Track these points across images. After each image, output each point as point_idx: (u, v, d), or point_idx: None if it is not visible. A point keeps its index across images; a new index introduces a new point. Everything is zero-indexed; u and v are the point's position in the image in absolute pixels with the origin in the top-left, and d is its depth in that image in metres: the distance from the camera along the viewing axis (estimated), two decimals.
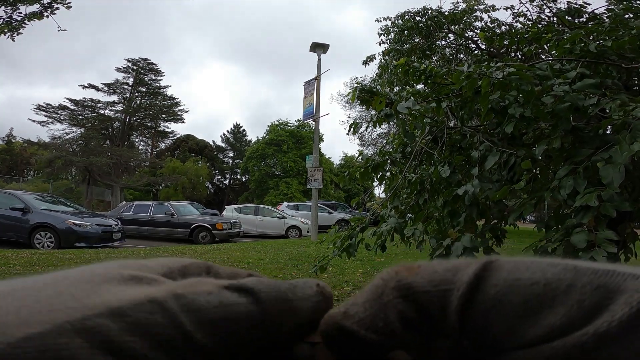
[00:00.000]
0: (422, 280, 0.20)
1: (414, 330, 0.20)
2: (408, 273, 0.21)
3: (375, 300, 0.21)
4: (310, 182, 13.46)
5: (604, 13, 3.42)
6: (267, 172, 33.42)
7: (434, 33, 5.90)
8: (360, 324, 0.21)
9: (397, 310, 0.20)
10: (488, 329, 0.19)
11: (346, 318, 0.22)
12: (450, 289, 0.20)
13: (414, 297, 0.20)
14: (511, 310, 0.18)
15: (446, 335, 0.20)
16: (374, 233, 2.65)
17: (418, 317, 0.20)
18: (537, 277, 0.19)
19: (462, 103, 2.42)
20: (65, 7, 8.31)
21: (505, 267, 0.20)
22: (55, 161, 29.04)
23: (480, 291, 0.19)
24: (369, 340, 0.21)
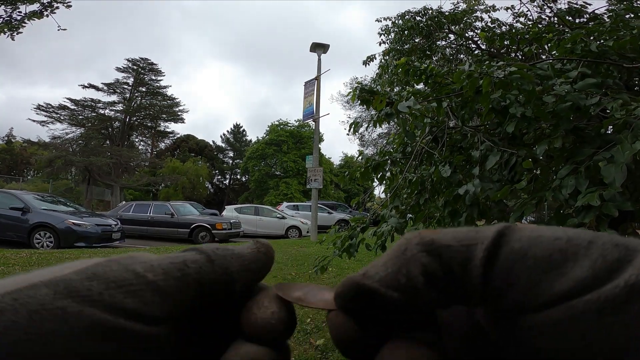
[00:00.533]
0: (446, 237, 0.20)
1: (436, 285, 0.20)
2: (431, 232, 0.21)
3: (397, 257, 0.21)
4: (310, 182, 13.46)
5: (604, 13, 3.42)
6: (267, 172, 33.42)
7: (434, 33, 5.90)
8: (382, 283, 0.20)
9: (421, 264, 0.20)
10: (513, 284, 0.19)
11: (366, 278, 0.21)
12: (474, 243, 0.20)
13: (437, 250, 0.20)
14: (536, 263, 0.18)
15: (468, 291, 0.20)
16: (374, 233, 2.64)
17: (441, 271, 0.20)
18: (558, 233, 0.19)
19: (463, 103, 2.41)
20: (65, 7, 8.31)
21: (527, 227, 0.20)
22: (55, 161, 29.02)
23: (503, 245, 0.19)
24: (390, 298, 0.20)
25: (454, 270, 0.20)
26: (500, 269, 0.19)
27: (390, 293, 0.20)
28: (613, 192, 1.45)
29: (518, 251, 0.19)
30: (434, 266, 0.20)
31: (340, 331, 0.22)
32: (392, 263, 0.21)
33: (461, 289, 0.20)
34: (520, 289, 0.18)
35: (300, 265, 7.51)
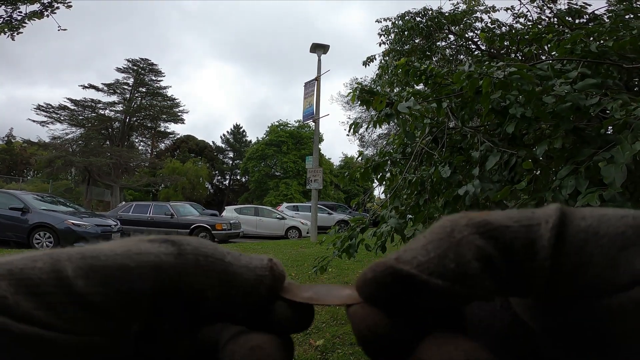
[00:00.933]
0: (500, 217, 0.18)
1: (494, 271, 0.17)
2: (478, 213, 0.18)
3: (442, 240, 0.18)
4: (310, 183, 13.46)
5: (604, 14, 3.42)
6: (266, 173, 33.43)
7: (434, 34, 5.90)
8: (421, 268, 0.18)
9: (475, 246, 0.17)
10: (587, 264, 0.17)
11: (401, 262, 0.18)
12: (535, 223, 0.17)
13: (493, 232, 0.17)
14: (610, 241, 0.17)
15: (532, 276, 0.17)
16: (374, 234, 2.64)
17: (499, 255, 0.17)
18: (621, 212, 0.17)
19: (463, 103, 2.41)
20: (66, 7, 8.30)
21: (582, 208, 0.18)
22: (55, 161, 29.02)
23: (569, 224, 0.17)
24: (433, 286, 0.18)
25: (515, 253, 0.17)
26: (571, 249, 0.17)
27: (433, 281, 0.18)
28: (613, 192, 1.45)
29: (587, 229, 0.17)
30: (490, 249, 0.17)
31: (368, 325, 0.19)
32: (434, 246, 0.18)
33: (522, 274, 0.17)
34: (595, 269, 0.17)
35: (300, 265, 7.51)
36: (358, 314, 0.20)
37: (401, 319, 0.19)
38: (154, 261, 0.19)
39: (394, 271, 0.18)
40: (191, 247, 0.20)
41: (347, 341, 3.54)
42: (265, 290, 0.22)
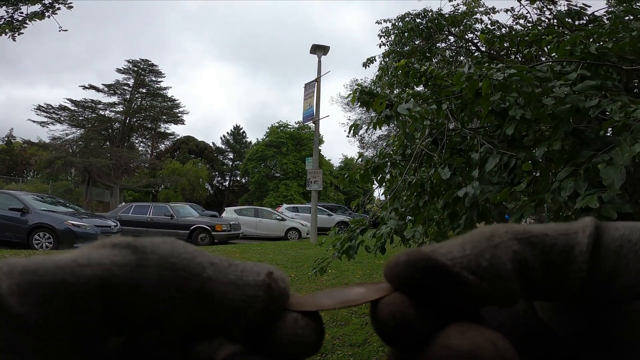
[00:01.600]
0: (538, 228, 0.19)
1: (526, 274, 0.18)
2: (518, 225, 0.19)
3: (480, 242, 0.19)
4: (310, 184, 13.45)
5: (604, 15, 3.43)
6: (266, 174, 33.44)
7: (434, 35, 5.91)
8: (455, 262, 0.18)
9: (512, 251, 0.18)
10: (622, 269, 0.18)
11: (437, 254, 0.19)
12: (573, 232, 0.19)
13: (533, 239, 0.18)
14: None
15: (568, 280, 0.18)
16: (373, 235, 2.64)
17: (537, 260, 0.18)
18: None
19: (463, 105, 2.42)
20: (67, 7, 8.31)
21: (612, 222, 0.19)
22: (55, 162, 29.03)
23: (604, 234, 0.18)
24: (462, 280, 0.18)
25: (554, 257, 0.18)
26: (607, 254, 0.18)
27: (463, 274, 0.18)
28: (612, 194, 1.45)
29: (621, 237, 0.18)
30: (527, 254, 0.18)
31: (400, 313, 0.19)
32: (471, 246, 0.19)
33: (558, 278, 0.18)
34: (631, 272, 0.18)
35: (299, 266, 7.51)
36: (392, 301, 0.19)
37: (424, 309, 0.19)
38: (100, 276, 0.16)
39: (428, 259, 0.19)
40: (157, 256, 0.17)
41: (346, 342, 3.54)
42: (255, 315, 0.18)
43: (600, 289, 0.18)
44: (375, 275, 6.77)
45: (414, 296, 0.19)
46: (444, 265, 0.18)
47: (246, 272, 0.19)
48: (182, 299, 0.17)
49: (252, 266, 0.19)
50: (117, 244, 0.18)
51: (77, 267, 0.16)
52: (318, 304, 0.20)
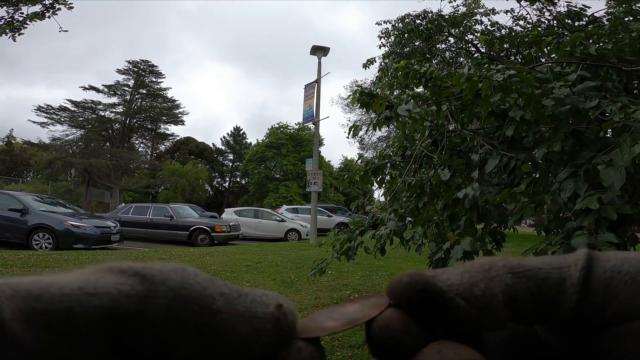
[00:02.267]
0: (534, 262, 0.21)
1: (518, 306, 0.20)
2: (516, 258, 0.21)
3: (478, 273, 0.20)
4: (309, 186, 13.45)
5: (603, 16, 3.43)
6: (266, 175, 33.44)
7: (434, 36, 5.91)
8: (452, 289, 0.20)
9: (505, 284, 0.20)
10: (613, 298, 0.19)
11: (437, 280, 0.20)
12: (565, 265, 0.20)
13: (527, 273, 0.20)
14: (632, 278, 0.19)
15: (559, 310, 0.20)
16: (373, 236, 2.63)
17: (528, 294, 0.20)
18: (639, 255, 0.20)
19: (463, 106, 2.42)
20: (67, 8, 8.32)
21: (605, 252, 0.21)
22: (54, 162, 29.03)
23: (595, 265, 0.20)
24: (455, 305, 0.20)
25: (545, 290, 0.20)
26: (598, 285, 0.20)
27: (458, 300, 0.20)
28: (612, 195, 1.45)
29: (612, 269, 0.20)
30: (518, 288, 0.20)
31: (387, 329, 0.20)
32: (469, 276, 0.20)
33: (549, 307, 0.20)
34: (621, 301, 0.19)
35: (299, 267, 7.50)
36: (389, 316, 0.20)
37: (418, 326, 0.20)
38: (107, 306, 0.16)
39: (427, 283, 0.20)
40: (166, 287, 0.17)
41: (346, 344, 3.53)
42: (262, 349, 0.18)
43: (590, 316, 0.20)
44: (374, 276, 6.76)
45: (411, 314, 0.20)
46: (441, 291, 0.20)
47: (255, 304, 0.19)
48: (190, 332, 0.17)
49: (261, 296, 0.19)
50: (124, 270, 0.17)
51: (84, 296, 0.16)
52: (323, 327, 0.20)
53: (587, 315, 0.20)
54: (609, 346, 0.20)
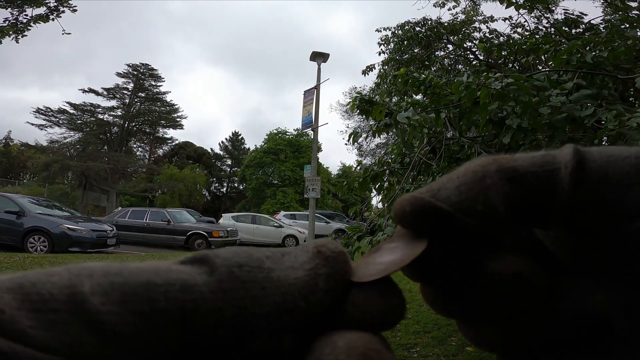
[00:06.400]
0: (526, 163, 0.20)
1: (518, 212, 0.20)
2: (506, 159, 0.21)
3: (474, 184, 0.20)
4: (307, 192, 13.43)
5: (600, 23, 3.46)
6: (264, 181, 33.40)
7: (433, 43, 5.95)
8: (455, 207, 0.20)
9: (502, 192, 0.20)
10: (600, 201, 0.20)
11: (437, 200, 0.20)
12: (556, 167, 0.20)
13: (520, 178, 0.20)
14: (617, 180, 0.19)
15: (553, 212, 0.20)
16: (370, 241, 2.64)
17: (525, 198, 0.20)
18: (624, 152, 0.20)
19: (461, 113, 2.43)
20: (71, 11, 8.35)
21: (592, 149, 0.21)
22: (52, 165, 28.93)
23: (584, 166, 0.20)
24: (464, 223, 0.20)
25: (539, 194, 0.20)
26: (586, 189, 0.20)
27: (465, 218, 0.20)
28: None
29: (598, 170, 0.20)
30: (517, 194, 0.20)
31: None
32: (466, 188, 0.20)
33: (544, 210, 0.20)
34: (610, 203, 0.19)
35: None
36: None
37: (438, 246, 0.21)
38: (184, 279, 0.17)
39: (431, 206, 0.20)
40: (221, 259, 0.18)
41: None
42: (325, 282, 0.19)
43: (581, 218, 0.20)
44: None
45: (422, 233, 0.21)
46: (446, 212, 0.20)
47: (298, 255, 0.20)
48: (257, 289, 0.18)
49: (300, 248, 0.20)
50: (184, 260, 0.19)
51: (162, 272, 0.17)
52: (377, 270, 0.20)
53: (581, 217, 0.20)
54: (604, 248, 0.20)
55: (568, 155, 0.20)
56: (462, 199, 0.20)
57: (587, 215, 0.20)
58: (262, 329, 0.18)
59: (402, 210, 0.21)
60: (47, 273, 0.16)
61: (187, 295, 0.17)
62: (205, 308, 0.17)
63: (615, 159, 0.20)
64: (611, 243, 0.20)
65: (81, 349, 0.15)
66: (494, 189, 0.20)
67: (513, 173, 0.20)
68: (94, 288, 0.16)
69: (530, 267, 0.20)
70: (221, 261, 0.18)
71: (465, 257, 0.21)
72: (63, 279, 0.16)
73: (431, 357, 3.57)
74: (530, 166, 0.20)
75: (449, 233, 0.21)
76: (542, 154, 0.21)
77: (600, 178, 0.20)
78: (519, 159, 0.21)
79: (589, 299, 0.20)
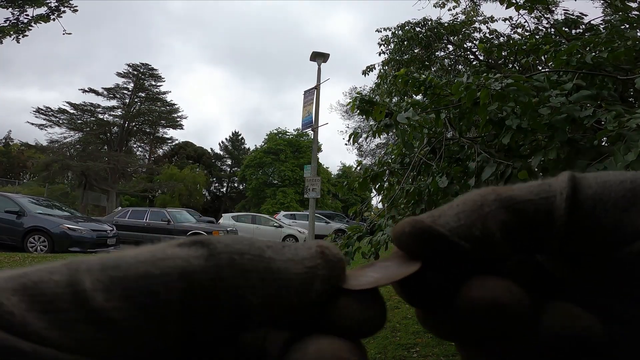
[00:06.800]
0: (523, 192, 0.21)
1: (515, 239, 0.21)
2: (505, 189, 0.21)
3: (473, 211, 0.21)
4: (307, 192, 13.43)
5: (600, 24, 3.46)
6: (264, 181, 33.40)
7: (433, 44, 5.96)
8: (453, 232, 0.20)
9: (499, 220, 0.20)
10: (596, 226, 0.20)
11: (436, 224, 0.21)
12: (552, 195, 0.20)
13: (518, 206, 0.20)
14: (613, 204, 0.20)
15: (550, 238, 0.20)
16: (369, 241, 2.64)
17: (522, 226, 0.20)
18: (620, 177, 0.21)
19: (461, 114, 2.43)
20: (72, 11, 8.35)
21: (588, 175, 0.21)
22: (52, 165, 28.92)
23: (579, 192, 0.20)
24: (461, 247, 0.20)
25: (536, 222, 0.20)
26: (582, 214, 0.20)
27: (461, 243, 0.20)
28: None
29: (593, 196, 0.20)
30: (513, 222, 0.20)
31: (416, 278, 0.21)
32: (465, 216, 0.21)
33: (541, 238, 0.21)
34: (605, 229, 0.20)
35: None
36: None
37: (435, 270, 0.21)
38: (181, 266, 0.17)
39: (430, 230, 0.21)
40: (223, 245, 0.18)
41: None
42: (321, 284, 0.19)
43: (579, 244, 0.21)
44: None
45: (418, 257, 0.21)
46: (443, 236, 0.20)
47: (300, 249, 0.20)
48: (256, 278, 0.18)
49: (302, 244, 0.21)
50: (182, 243, 0.18)
51: (158, 260, 0.17)
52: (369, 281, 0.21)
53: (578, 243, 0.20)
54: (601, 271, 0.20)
55: (563, 182, 0.21)
56: (460, 224, 0.20)
57: (584, 240, 0.20)
58: (253, 320, 0.18)
59: (402, 231, 0.21)
60: (47, 270, 0.17)
61: (186, 283, 0.17)
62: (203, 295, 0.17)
63: (611, 184, 0.20)
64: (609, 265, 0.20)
65: (96, 345, 0.16)
66: (492, 216, 0.20)
67: (510, 202, 0.21)
68: (95, 284, 0.16)
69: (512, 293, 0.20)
70: (222, 247, 0.18)
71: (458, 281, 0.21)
72: (63, 276, 0.16)
73: (431, 357, 3.58)
74: (527, 195, 0.21)
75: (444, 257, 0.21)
76: (540, 183, 0.21)
77: (597, 203, 0.20)
78: (517, 189, 0.21)
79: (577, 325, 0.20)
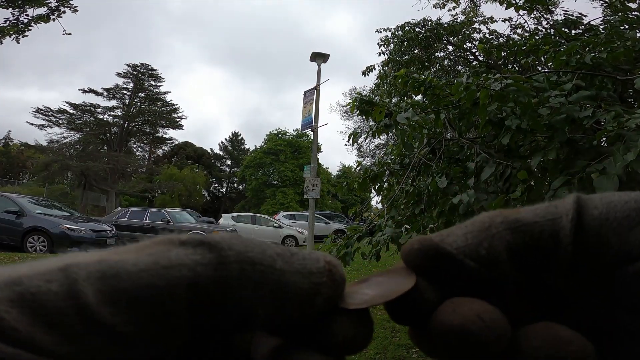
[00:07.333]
0: (529, 215, 0.21)
1: (521, 259, 0.21)
2: (512, 212, 0.22)
3: (480, 232, 0.21)
4: (307, 192, 13.42)
5: (600, 24, 3.47)
6: (264, 182, 33.39)
7: (433, 44, 5.97)
8: (459, 251, 0.21)
9: (505, 241, 0.21)
10: (602, 246, 0.20)
11: (445, 243, 0.21)
12: (558, 217, 0.21)
13: (524, 228, 0.21)
14: (619, 224, 0.20)
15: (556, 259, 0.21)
16: (369, 242, 2.64)
17: (527, 247, 0.21)
18: (624, 197, 0.21)
19: (461, 114, 2.44)
20: (72, 11, 8.35)
21: (594, 196, 0.22)
22: (51, 165, 28.89)
23: (585, 214, 0.21)
24: (466, 266, 0.21)
25: (542, 243, 0.21)
26: (588, 235, 0.20)
27: (467, 261, 0.21)
28: None
29: (599, 216, 0.20)
30: (519, 242, 0.21)
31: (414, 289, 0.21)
32: (472, 236, 0.21)
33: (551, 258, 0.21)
34: (612, 247, 0.20)
35: None
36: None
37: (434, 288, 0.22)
38: (187, 277, 0.16)
39: (438, 248, 0.21)
40: (234, 252, 0.17)
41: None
42: (322, 302, 0.19)
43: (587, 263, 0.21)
44: None
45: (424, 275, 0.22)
46: (451, 254, 0.21)
47: (307, 261, 0.19)
48: (265, 291, 0.18)
49: (309, 254, 0.20)
50: (186, 242, 0.18)
51: (162, 269, 0.16)
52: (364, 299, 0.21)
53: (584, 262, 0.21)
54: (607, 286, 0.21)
55: (569, 204, 0.21)
56: (467, 244, 0.21)
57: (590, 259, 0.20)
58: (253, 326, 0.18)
59: (410, 247, 0.22)
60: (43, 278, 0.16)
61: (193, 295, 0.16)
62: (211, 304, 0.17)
63: (616, 204, 0.21)
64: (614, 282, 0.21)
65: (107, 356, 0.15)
66: (498, 237, 0.21)
67: (517, 224, 0.21)
68: (97, 297, 0.15)
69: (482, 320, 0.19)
70: (234, 255, 0.17)
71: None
72: (62, 286, 0.15)
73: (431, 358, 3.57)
74: (533, 217, 0.21)
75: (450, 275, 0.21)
76: (546, 205, 0.22)
77: (603, 223, 0.20)
78: (524, 211, 0.22)
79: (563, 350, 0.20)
